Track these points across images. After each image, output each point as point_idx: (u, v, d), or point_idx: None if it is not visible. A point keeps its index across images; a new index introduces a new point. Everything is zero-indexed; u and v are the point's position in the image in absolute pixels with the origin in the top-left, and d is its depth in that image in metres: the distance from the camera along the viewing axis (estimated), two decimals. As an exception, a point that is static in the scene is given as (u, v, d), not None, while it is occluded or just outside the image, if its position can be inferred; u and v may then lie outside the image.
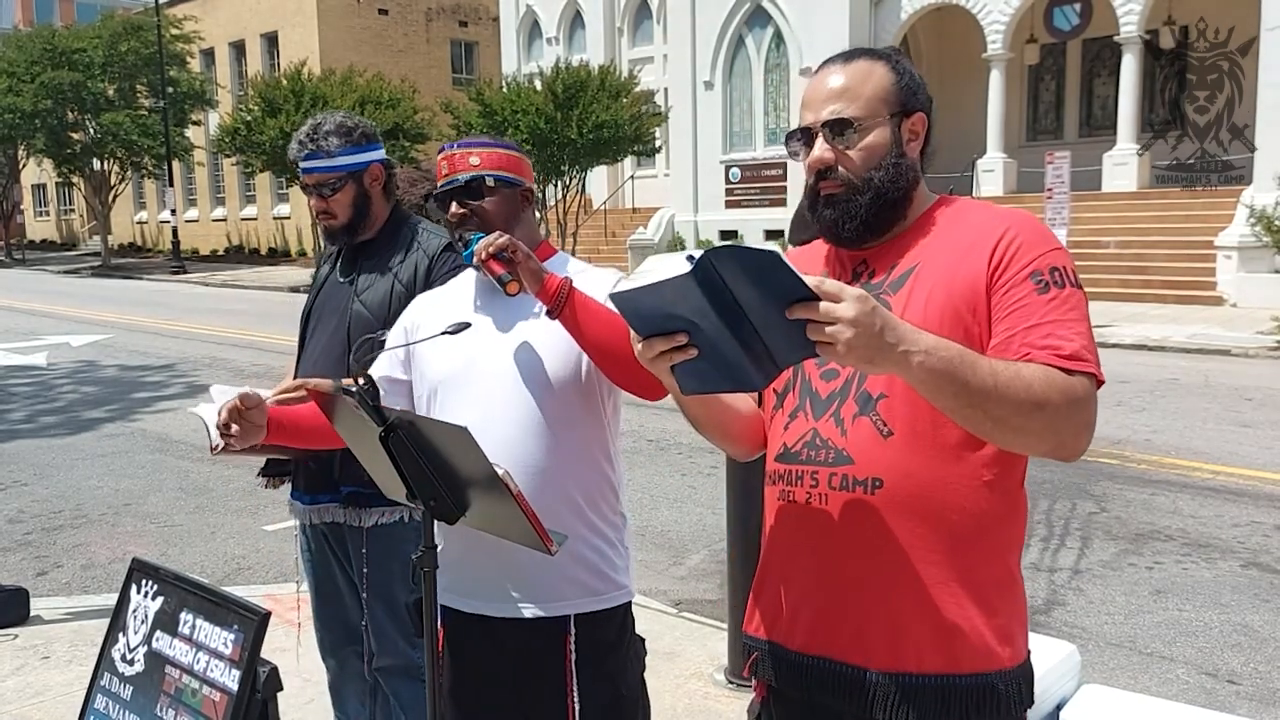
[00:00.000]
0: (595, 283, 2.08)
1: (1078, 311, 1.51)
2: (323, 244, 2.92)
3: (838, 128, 1.60)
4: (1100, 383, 1.49)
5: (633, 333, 1.44)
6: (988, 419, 1.42)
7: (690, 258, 1.29)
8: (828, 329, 1.29)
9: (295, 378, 2.56)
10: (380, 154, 2.73)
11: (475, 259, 1.93)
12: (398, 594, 2.77)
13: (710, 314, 1.33)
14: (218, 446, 2.37)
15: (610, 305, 1.99)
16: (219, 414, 2.10)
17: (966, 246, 1.58)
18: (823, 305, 1.29)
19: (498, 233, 1.93)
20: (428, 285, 2.61)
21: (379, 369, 2.19)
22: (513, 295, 1.93)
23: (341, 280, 2.75)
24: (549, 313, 1.89)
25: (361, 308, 2.67)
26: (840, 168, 1.60)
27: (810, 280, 1.29)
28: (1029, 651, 1.62)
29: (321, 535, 2.80)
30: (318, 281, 2.88)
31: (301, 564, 2.91)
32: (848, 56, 1.65)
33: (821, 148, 1.61)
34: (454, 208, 2.09)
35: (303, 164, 2.66)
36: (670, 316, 1.37)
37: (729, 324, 1.33)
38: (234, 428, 2.07)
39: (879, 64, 1.63)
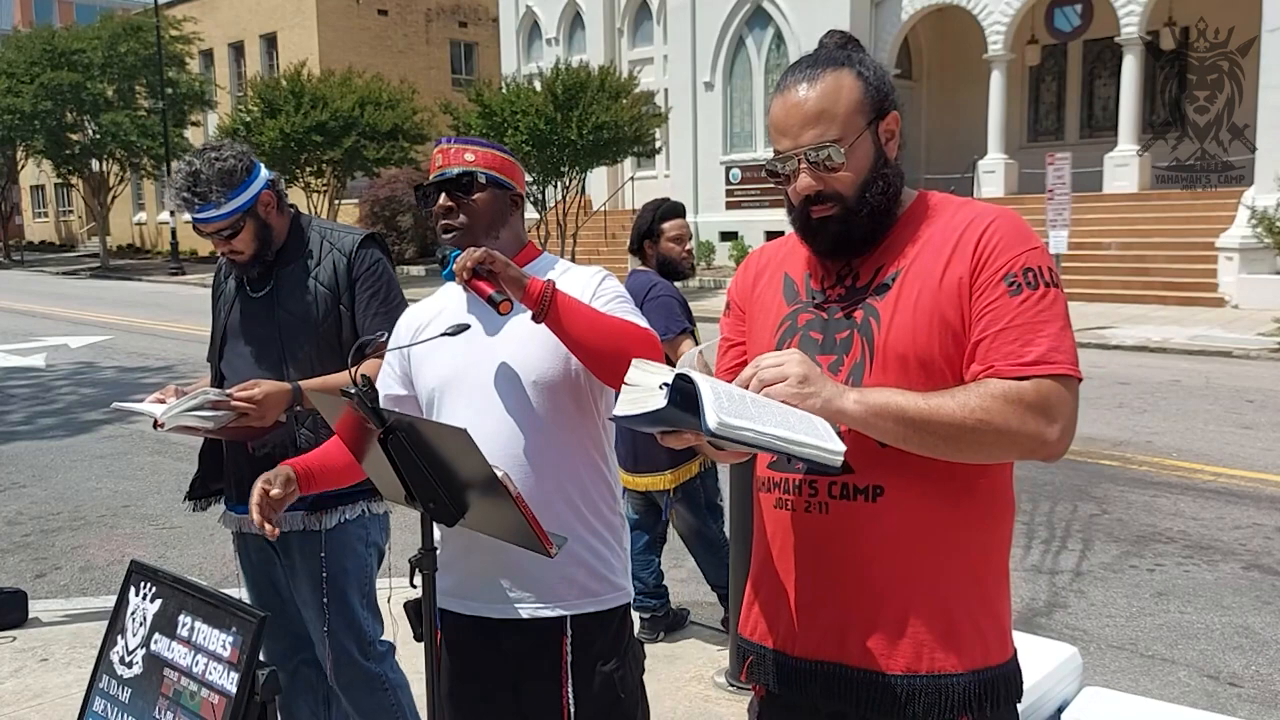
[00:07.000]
0: (578, 281, 2.08)
1: (1050, 312, 1.50)
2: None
3: (820, 154, 1.56)
4: (1078, 379, 1.50)
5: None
6: (938, 441, 1.48)
7: (664, 385, 1.39)
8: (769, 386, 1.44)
9: (225, 388, 2.54)
10: (263, 179, 2.70)
11: (458, 279, 1.91)
12: (352, 599, 2.75)
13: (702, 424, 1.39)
14: (163, 424, 2.44)
15: (595, 305, 2.00)
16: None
17: (951, 247, 1.57)
18: (756, 376, 1.45)
19: (472, 247, 1.90)
20: (350, 281, 2.69)
21: (382, 388, 2.17)
22: (506, 315, 1.92)
23: (255, 295, 2.75)
24: (534, 317, 1.88)
25: (288, 314, 2.69)
26: (829, 189, 1.58)
27: (747, 375, 1.46)
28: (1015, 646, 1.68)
29: (266, 544, 2.74)
30: (225, 298, 2.85)
31: (242, 576, 2.88)
32: (811, 71, 1.58)
33: (808, 176, 1.57)
34: (442, 199, 2.09)
35: (194, 217, 2.65)
36: (669, 424, 1.45)
37: None
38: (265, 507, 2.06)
39: (845, 73, 1.57)
